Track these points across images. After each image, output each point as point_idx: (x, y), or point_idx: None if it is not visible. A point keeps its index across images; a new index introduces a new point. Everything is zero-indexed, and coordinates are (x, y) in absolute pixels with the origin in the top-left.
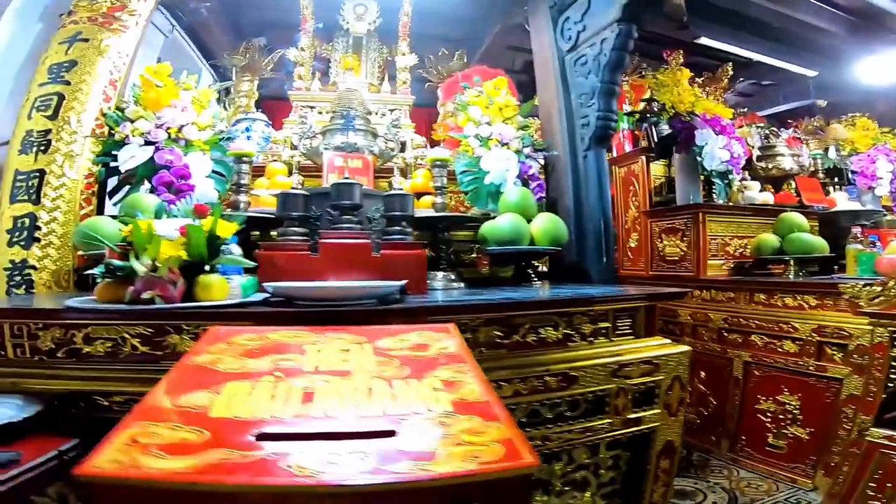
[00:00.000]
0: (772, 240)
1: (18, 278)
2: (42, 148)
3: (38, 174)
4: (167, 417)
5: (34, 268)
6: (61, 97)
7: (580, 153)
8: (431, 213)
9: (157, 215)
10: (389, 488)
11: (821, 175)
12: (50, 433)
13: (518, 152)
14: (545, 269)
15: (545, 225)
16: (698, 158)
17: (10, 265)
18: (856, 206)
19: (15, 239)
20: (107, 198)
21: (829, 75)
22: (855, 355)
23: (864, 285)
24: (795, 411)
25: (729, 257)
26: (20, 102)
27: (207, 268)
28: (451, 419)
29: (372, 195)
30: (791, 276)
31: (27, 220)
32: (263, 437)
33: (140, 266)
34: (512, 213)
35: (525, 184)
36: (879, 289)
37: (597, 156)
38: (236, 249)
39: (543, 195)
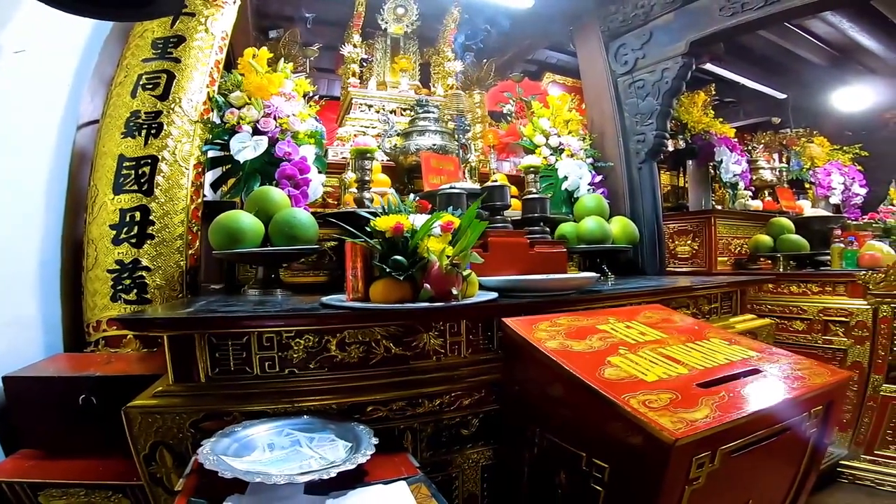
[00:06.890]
0: (766, 240)
1: (128, 281)
2: (153, 131)
3: (149, 161)
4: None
5: (147, 269)
6: (171, 76)
7: (634, 165)
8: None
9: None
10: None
11: (785, 185)
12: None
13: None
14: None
15: (625, 226)
16: (716, 171)
17: (118, 266)
18: (822, 212)
19: (123, 236)
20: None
21: (799, 98)
22: (856, 330)
23: (870, 273)
24: None
25: (731, 255)
26: (106, 78)
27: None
28: (773, 360)
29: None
30: (781, 270)
31: (138, 214)
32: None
33: (443, 260)
34: (595, 216)
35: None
36: (883, 275)
37: (650, 168)
38: None
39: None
